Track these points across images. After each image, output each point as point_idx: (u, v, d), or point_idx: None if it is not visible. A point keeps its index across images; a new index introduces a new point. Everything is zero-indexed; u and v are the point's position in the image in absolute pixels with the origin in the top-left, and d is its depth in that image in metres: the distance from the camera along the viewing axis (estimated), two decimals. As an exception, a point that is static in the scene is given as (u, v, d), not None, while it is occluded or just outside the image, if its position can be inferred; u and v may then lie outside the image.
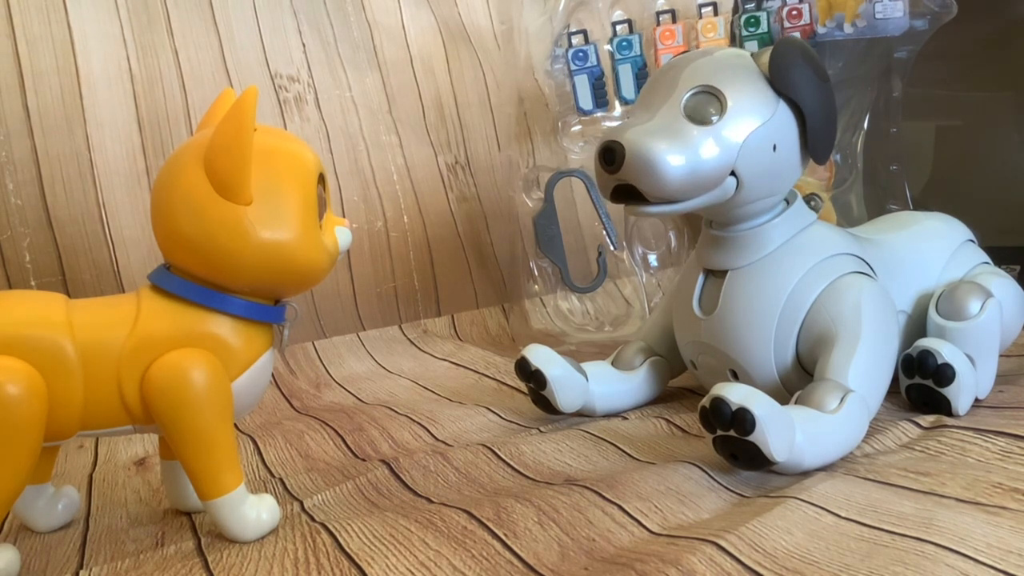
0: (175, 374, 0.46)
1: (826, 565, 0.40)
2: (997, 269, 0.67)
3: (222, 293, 0.48)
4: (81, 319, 0.47)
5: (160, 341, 0.47)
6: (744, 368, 0.61)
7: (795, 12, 0.82)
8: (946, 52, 0.83)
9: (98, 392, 0.46)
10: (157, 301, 0.48)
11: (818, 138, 0.58)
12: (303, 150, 0.50)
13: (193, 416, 0.47)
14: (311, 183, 0.49)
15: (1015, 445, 0.52)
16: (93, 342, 0.46)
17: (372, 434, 0.69)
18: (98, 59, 0.96)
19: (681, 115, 0.56)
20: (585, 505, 0.48)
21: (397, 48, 1.14)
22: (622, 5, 0.93)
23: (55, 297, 0.48)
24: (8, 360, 0.44)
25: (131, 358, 0.47)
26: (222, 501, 0.48)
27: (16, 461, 0.45)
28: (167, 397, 0.46)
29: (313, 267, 0.49)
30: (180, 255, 0.48)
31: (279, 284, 0.49)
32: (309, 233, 0.48)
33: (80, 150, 0.94)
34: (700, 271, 0.63)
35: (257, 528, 0.49)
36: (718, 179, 0.56)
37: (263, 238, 0.47)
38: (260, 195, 0.47)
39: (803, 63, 0.57)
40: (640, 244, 0.96)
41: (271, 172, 0.47)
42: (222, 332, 0.48)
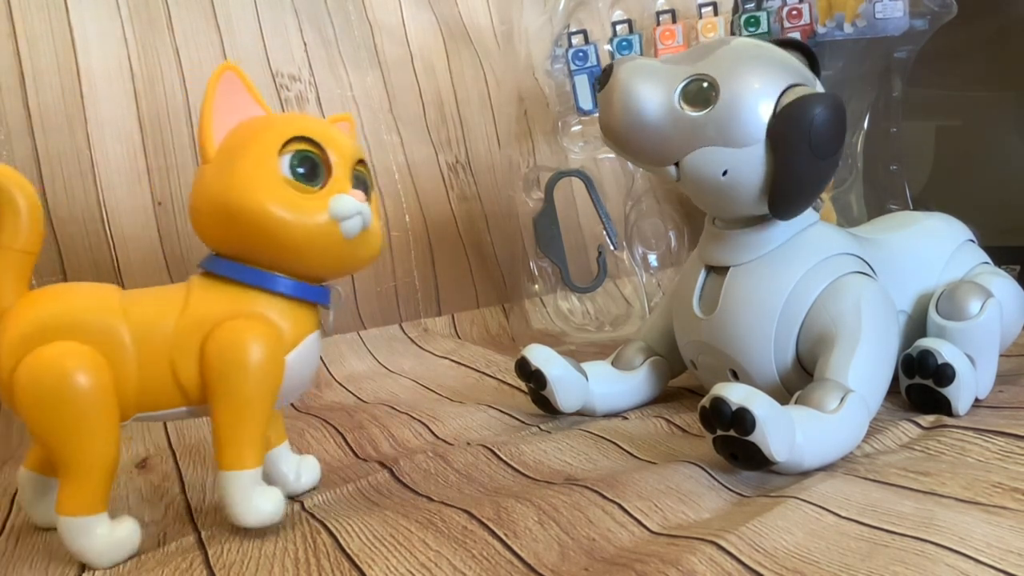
0: (236, 339, 0.48)
1: (826, 565, 0.40)
2: (997, 269, 0.67)
3: (269, 272, 0.50)
4: (134, 305, 0.48)
5: (211, 319, 0.49)
6: (744, 368, 0.61)
7: (795, 12, 0.82)
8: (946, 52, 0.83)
9: (152, 374, 0.48)
10: (207, 285, 0.50)
11: (783, 200, 0.56)
12: (276, 122, 0.51)
13: (241, 380, 0.48)
14: (270, 144, 0.49)
15: (1015, 445, 0.52)
16: (145, 326, 0.48)
17: (372, 432, 0.69)
18: (99, 58, 0.96)
19: (677, 87, 0.56)
20: (585, 504, 0.48)
21: (398, 47, 1.14)
22: (622, 5, 0.93)
23: (109, 287, 0.50)
24: (73, 344, 0.46)
25: (183, 339, 0.48)
26: (236, 475, 0.49)
27: (99, 436, 0.46)
28: (223, 358, 0.48)
29: (276, 226, 0.48)
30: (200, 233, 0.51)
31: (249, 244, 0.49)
32: (258, 190, 0.48)
33: (81, 149, 0.94)
34: (701, 269, 0.63)
35: (257, 515, 0.49)
36: (659, 158, 0.58)
37: (211, 190, 0.49)
38: (221, 157, 0.49)
39: (806, 133, 0.53)
40: (640, 244, 0.96)
41: (235, 138, 0.50)
42: (269, 312, 0.50)
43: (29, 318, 0.46)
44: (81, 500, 0.47)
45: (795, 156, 0.54)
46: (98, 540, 0.47)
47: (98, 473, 0.47)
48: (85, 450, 0.46)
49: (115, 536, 0.48)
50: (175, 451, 0.69)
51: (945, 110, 0.97)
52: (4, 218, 0.47)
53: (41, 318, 0.46)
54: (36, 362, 0.45)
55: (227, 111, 0.50)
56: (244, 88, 0.52)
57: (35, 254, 0.48)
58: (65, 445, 0.46)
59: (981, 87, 0.94)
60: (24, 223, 0.47)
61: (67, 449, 0.46)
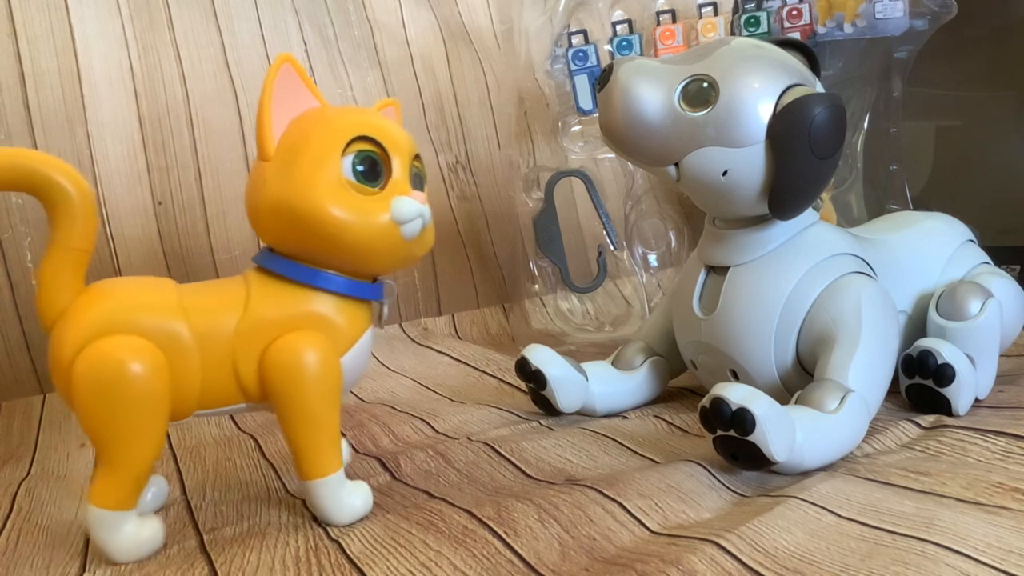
0: (292, 356, 0.48)
1: (826, 565, 0.40)
2: (997, 269, 0.67)
3: (323, 271, 0.50)
4: (194, 303, 0.49)
5: (272, 322, 0.49)
6: (744, 368, 0.61)
7: (795, 12, 0.82)
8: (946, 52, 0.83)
9: (214, 373, 0.48)
10: (264, 283, 0.50)
11: (783, 201, 0.56)
12: (338, 118, 0.50)
13: (306, 397, 0.48)
14: (333, 145, 0.49)
15: (1015, 445, 0.52)
16: (208, 325, 0.48)
17: (373, 430, 0.69)
18: (99, 58, 0.96)
19: (677, 87, 0.56)
20: (586, 502, 0.48)
21: (398, 47, 1.14)
22: (622, 5, 0.93)
23: (165, 282, 0.50)
24: (132, 338, 0.46)
25: (245, 340, 0.48)
26: (322, 483, 0.50)
27: (146, 433, 0.47)
28: (284, 377, 0.48)
29: (339, 229, 0.48)
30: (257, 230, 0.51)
31: (312, 246, 0.49)
32: (320, 191, 0.48)
33: (81, 149, 0.94)
34: (701, 269, 0.63)
35: (351, 513, 0.50)
36: (658, 159, 0.58)
37: (271, 189, 0.48)
38: (281, 155, 0.49)
39: (806, 133, 0.53)
40: (640, 244, 0.96)
41: (295, 135, 0.49)
42: (327, 311, 0.50)
43: (89, 314, 0.47)
44: (115, 494, 0.47)
45: (795, 156, 0.54)
46: (123, 537, 0.48)
47: (137, 470, 0.47)
48: (130, 445, 0.46)
49: (140, 535, 0.48)
50: (176, 453, 0.69)
51: (945, 110, 0.97)
52: (59, 216, 0.46)
53: (101, 313, 0.47)
54: (94, 354, 0.46)
55: (285, 105, 0.50)
56: (301, 80, 0.51)
57: (90, 251, 0.48)
58: (111, 438, 0.46)
59: (981, 87, 0.94)
60: (79, 220, 0.47)
61: (113, 442, 0.46)
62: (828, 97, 0.54)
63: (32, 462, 0.72)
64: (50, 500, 0.61)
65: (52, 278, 0.47)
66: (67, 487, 0.63)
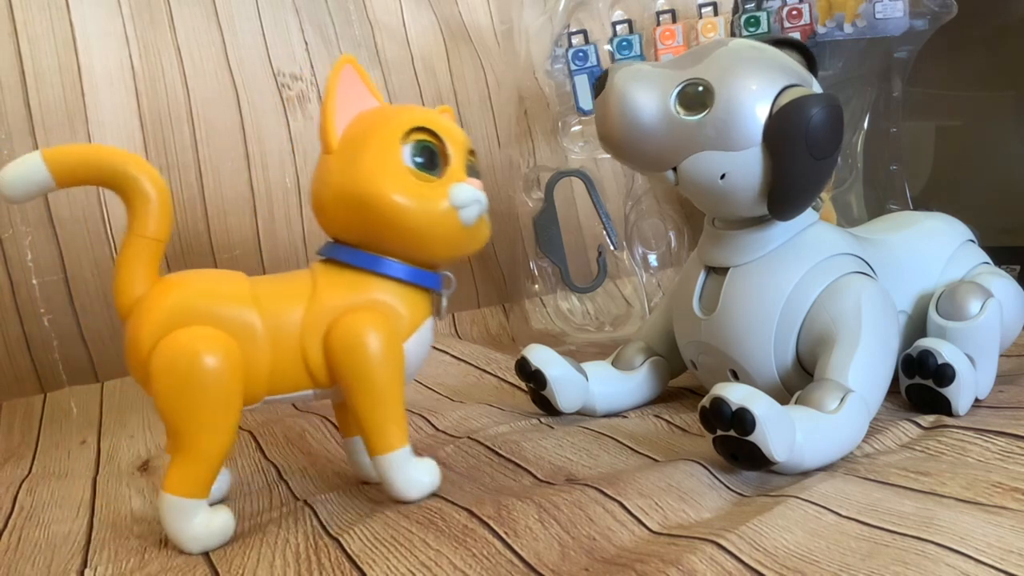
0: (356, 333, 0.50)
1: (827, 564, 0.40)
2: (997, 269, 0.67)
3: (385, 258, 0.52)
4: (264, 293, 0.50)
5: (337, 308, 0.51)
6: (744, 368, 0.61)
7: (795, 12, 0.82)
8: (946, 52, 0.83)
9: (284, 359, 0.50)
10: (330, 273, 0.52)
11: (782, 202, 0.56)
12: (397, 113, 0.53)
13: (369, 372, 0.50)
14: (393, 134, 0.51)
15: (1015, 445, 0.52)
16: (278, 314, 0.50)
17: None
18: (100, 57, 0.96)
19: (673, 93, 0.56)
20: (586, 502, 0.49)
21: (398, 47, 1.14)
22: (622, 5, 0.93)
23: (236, 274, 0.52)
24: (208, 329, 0.48)
25: (313, 326, 0.50)
26: (390, 457, 0.51)
27: (221, 422, 0.48)
28: (348, 353, 0.50)
29: (400, 214, 0.50)
30: (321, 221, 0.54)
31: (376, 233, 0.51)
32: (383, 179, 0.50)
33: (81, 148, 0.94)
34: (701, 269, 0.63)
35: (419, 488, 0.52)
36: (656, 164, 0.58)
37: (335, 179, 0.51)
38: (344, 147, 0.51)
39: (802, 134, 0.53)
40: (640, 244, 0.96)
41: (357, 128, 0.52)
42: (389, 298, 0.52)
43: (166, 303, 0.48)
44: (189, 483, 0.48)
45: (793, 158, 0.54)
46: (195, 525, 0.49)
47: (211, 458, 0.48)
48: (205, 434, 0.48)
49: (212, 524, 0.49)
50: (176, 450, 0.69)
51: (945, 110, 0.97)
52: (136, 207, 0.49)
53: (178, 304, 0.49)
54: (172, 344, 0.47)
55: (346, 103, 0.53)
56: (361, 81, 0.54)
57: (165, 242, 0.50)
58: (188, 426, 0.48)
59: (981, 87, 0.94)
60: (154, 212, 0.49)
61: (189, 430, 0.48)
62: (824, 97, 0.54)
63: (33, 461, 0.72)
64: (51, 499, 0.61)
65: (129, 267, 0.49)
66: (69, 486, 0.63)
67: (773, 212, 0.57)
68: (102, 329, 0.93)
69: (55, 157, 0.47)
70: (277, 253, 1.01)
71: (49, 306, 0.91)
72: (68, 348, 0.92)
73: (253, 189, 1.00)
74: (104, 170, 0.48)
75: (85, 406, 0.86)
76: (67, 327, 0.92)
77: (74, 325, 0.92)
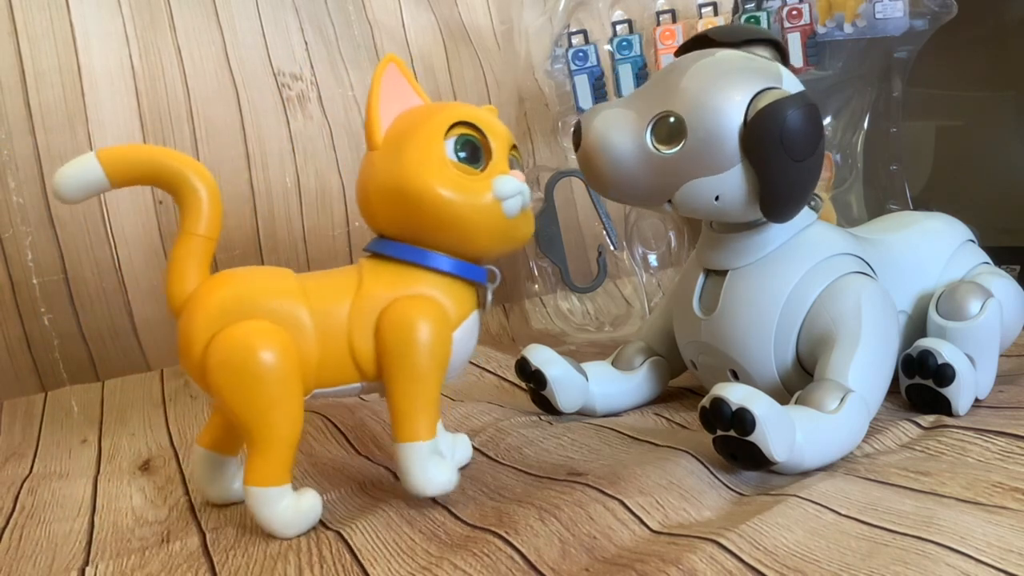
0: (408, 315, 0.51)
1: (827, 564, 0.40)
2: (997, 269, 0.67)
3: (431, 251, 0.52)
4: (312, 287, 0.51)
5: (383, 299, 0.51)
6: (744, 368, 0.61)
7: (795, 12, 0.82)
8: (946, 52, 0.83)
9: (332, 352, 0.51)
10: (376, 267, 0.53)
11: (772, 206, 0.56)
12: (439, 108, 0.54)
13: (413, 355, 0.50)
14: (436, 129, 0.52)
15: (1015, 445, 0.52)
16: (325, 308, 0.51)
17: (374, 429, 0.69)
18: (100, 56, 0.96)
19: (647, 128, 0.56)
20: (586, 501, 0.49)
21: (398, 47, 1.14)
22: (622, 5, 0.93)
23: (284, 270, 0.53)
24: (261, 323, 0.49)
25: (359, 318, 0.51)
26: (412, 447, 0.51)
27: (286, 409, 0.49)
28: (397, 335, 0.50)
29: (445, 207, 0.51)
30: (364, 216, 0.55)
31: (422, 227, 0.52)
32: (430, 175, 0.51)
33: (82, 148, 0.94)
34: (700, 271, 0.63)
35: (433, 485, 0.51)
36: (650, 201, 0.58)
37: (380, 175, 0.52)
38: (387, 144, 0.52)
39: (779, 140, 0.52)
40: (640, 244, 0.96)
41: (401, 125, 0.53)
42: (435, 291, 0.52)
43: (218, 300, 0.49)
44: (267, 471, 0.49)
45: (773, 164, 0.54)
46: (284, 510, 0.49)
47: (283, 445, 0.49)
48: (272, 423, 0.48)
49: (300, 507, 0.50)
50: (177, 451, 0.69)
51: (945, 110, 0.97)
52: (187, 205, 0.50)
53: (230, 299, 0.49)
54: (227, 339, 0.48)
55: (390, 101, 0.54)
56: (405, 80, 0.56)
57: (215, 239, 0.51)
58: (253, 419, 0.48)
59: (981, 87, 0.94)
60: (205, 210, 0.50)
61: (255, 423, 0.48)
62: (796, 98, 0.53)
63: (34, 460, 0.72)
64: (52, 498, 0.61)
65: (181, 264, 0.50)
66: (70, 485, 0.63)
67: (768, 216, 0.57)
68: (102, 328, 0.93)
69: (109, 157, 0.48)
70: (277, 253, 1.01)
71: (49, 305, 0.91)
72: (69, 347, 0.92)
73: (253, 189, 1.00)
74: (157, 170, 0.50)
75: (86, 405, 0.86)
76: (67, 326, 0.92)
77: (74, 324, 0.92)
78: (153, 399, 0.87)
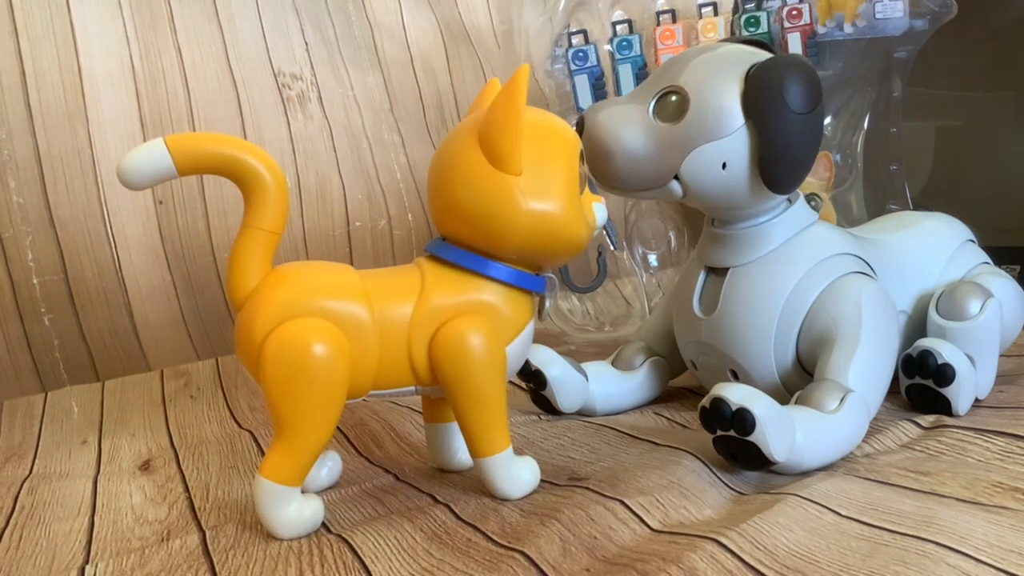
0: (460, 339, 0.50)
1: (827, 564, 0.40)
2: (997, 269, 0.67)
3: (493, 261, 0.52)
4: (375, 288, 0.51)
5: (444, 309, 0.51)
6: (744, 368, 0.61)
7: (795, 12, 0.82)
8: (946, 52, 0.83)
9: (391, 355, 0.51)
10: (437, 271, 0.52)
11: (775, 169, 0.56)
12: (567, 128, 0.54)
13: (474, 378, 0.51)
14: (574, 158, 0.52)
15: (1015, 445, 0.52)
16: (388, 310, 0.50)
17: (374, 428, 0.69)
18: (101, 57, 0.96)
19: (649, 109, 0.57)
20: (587, 503, 0.49)
21: (398, 48, 1.14)
22: (622, 5, 0.93)
23: (346, 267, 0.52)
24: (319, 321, 0.48)
25: (420, 325, 0.51)
26: (494, 459, 0.52)
27: (325, 413, 0.49)
28: (452, 360, 0.50)
29: (574, 237, 0.52)
30: (456, 225, 0.52)
31: (543, 252, 0.53)
32: (571, 205, 0.51)
33: (82, 148, 0.94)
34: (701, 270, 0.63)
35: (523, 487, 0.52)
36: (658, 180, 0.58)
37: (531, 206, 0.50)
38: (529, 167, 0.50)
39: (779, 90, 0.54)
40: (640, 244, 0.96)
41: (539, 146, 0.51)
42: (495, 300, 0.52)
43: (280, 295, 0.49)
44: (286, 470, 0.49)
45: (775, 117, 0.55)
46: (288, 512, 0.49)
47: (311, 447, 0.49)
48: (308, 423, 0.48)
49: (304, 512, 0.50)
50: (178, 451, 0.69)
51: (945, 110, 0.97)
52: (254, 199, 0.49)
53: (291, 296, 0.49)
54: (284, 334, 0.48)
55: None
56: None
57: (280, 233, 0.51)
58: (292, 416, 0.48)
59: (981, 87, 0.94)
60: (272, 204, 0.50)
61: (293, 420, 0.48)
62: (792, 57, 0.56)
63: (34, 461, 0.72)
64: (52, 498, 0.61)
65: (244, 257, 0.50)
66: (70, 485, 0.63)
67: (769, 183, 0.56)
68: (103, 328, 0.94)
69: (178, 145, 0.48)
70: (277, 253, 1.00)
71: (50, 305, 0.92)
72: (69, 347, 0.92)
73: (253, 189, 1.00)
74: (226, 159, 0.49)
75: (86, 405, 0.86)
76: (68, 326, 0.92)
77: (75, 324, 0.92)
78: (153, 399, 0.87)
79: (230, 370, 0.93)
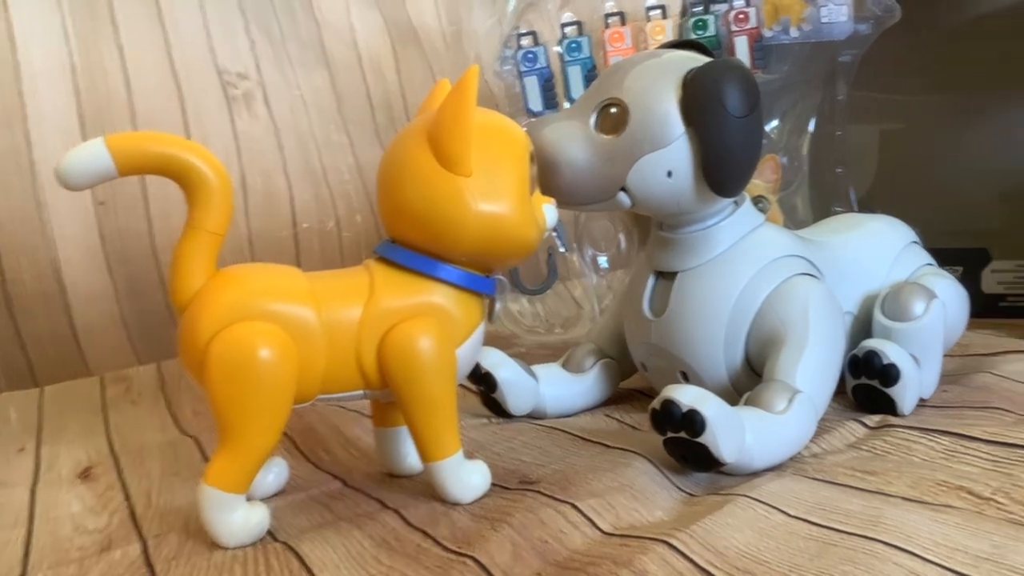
0: (410, 342, 0.50)
1: (776, 565, 0.40)
2: (941, 270, 0.68)
3: (442, 263, 0.51)
4: (322, 291, 0.50)
5: (393, 312, 0.50)
6: (694, 369, 0.61)
7: (742, 16, 0.82)
8: (889, 56, 0.84)
9: (339, 359, 0.50)
10: (387, 274, 0.52)
11: (719, 173, 0.56)
12: (517, 129, 0.54)
13: (423, 382, 0.50)
14: (525, 159, 0.52)
15: (959, 444, 0.53)
16: (335, 313, 0.49)
17: (322, 433, 0.68)
18: (39, 52, 0.94)
19: (591, 122, 0.58)
20: (537, 506, 0.48)
21: (345, 48, 1.13)
22: (572, 7, 0.93)
23: (292, 270, 0.52)
24: (265, 324, 0.47)
25: (369, 328, 0.50)
26: (444, 463, 0.51)
27: (271, 418, 0.48)
28: (402, 363, 0.50)
29: (525, 239, 0.52)
30: (405, 226, 0.52)
31: (494, 254, 0.52)
32: (522, 206, 0.51)
33: (19, 146, 0.92)
34: (650, 273, 0.63)
35: (473, 491, 0.52)
36: (606, 192, 0.58)
37: (481, 208, 0.50)
38: (479, 168, 0.50)
39: (716, 95, 0.54)
40: (590, 246, 0.96)
41: (489, 148, 0.51)
42: (445, 303, 0.51)
43: (224, 298, 0.48)
44: (232, 476, 0.48)
45: (715, 121, 0.55)
46: (233, 520, 0.48)
47: (257, 453, 0.48)
48: (253, 430, 0.48)
49: (250, 521, 0.49)
50: (118, 458, 0.68)
51: (889, 114, 0.98)
52: (197, 199, 0.48)
53: (235, 298, 0.48)
54: (229, 337, 0.47)
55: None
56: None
57: (223, 235, 0.49)
58: (237, 420, 0.47)
59: (924, 91, 0.95)
60: (216, 205, 0.48)
61: (237, 425, 0.47)
62: (727, 61, 0.57)
63: (-32, 469, 0.70)
64: (-13, 508, 0.59)
65: (187, 259, 0.49)
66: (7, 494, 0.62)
67: (715, 187, 0.57)
68: (41, 332, 0.91)
69: (119, 144, 0.46)
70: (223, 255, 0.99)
71: (-14, 309, 0.89)
72: (6, 352, 0.90)
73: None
74: (168, 159, 0.47)
75: (24, 412, 0.84)
76: (4, 330, 0.90)
77: (12, 328, 0.90)
78: (93, 405, 0.85)
79: (172, 375, 0.91)
